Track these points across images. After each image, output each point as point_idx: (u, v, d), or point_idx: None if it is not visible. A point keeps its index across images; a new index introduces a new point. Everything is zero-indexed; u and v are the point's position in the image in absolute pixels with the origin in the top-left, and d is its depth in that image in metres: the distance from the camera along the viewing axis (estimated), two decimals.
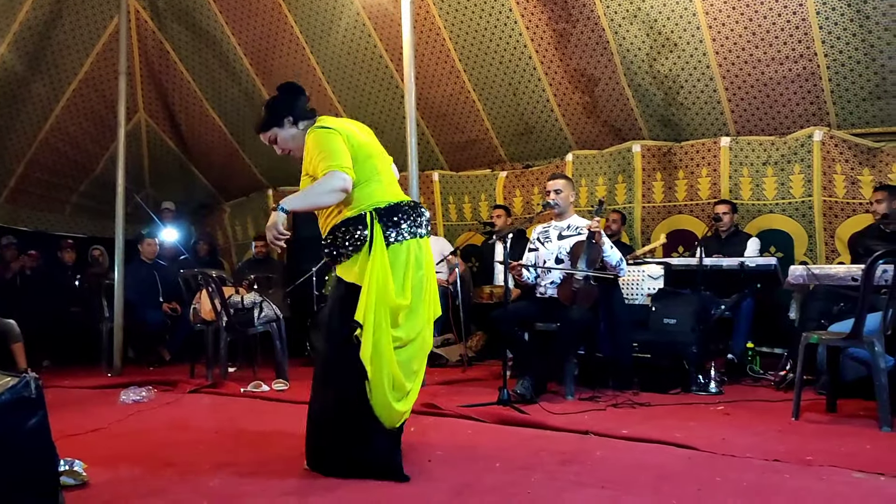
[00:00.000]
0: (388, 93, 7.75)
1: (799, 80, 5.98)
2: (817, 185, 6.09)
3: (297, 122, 3.05)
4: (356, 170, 2.86)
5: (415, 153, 5.32)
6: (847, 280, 4.87)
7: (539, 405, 4.17)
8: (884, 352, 3.63)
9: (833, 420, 3.86)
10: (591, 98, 6.96)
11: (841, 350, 3.98)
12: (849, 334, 3.72)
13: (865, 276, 3.68)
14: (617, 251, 4.80)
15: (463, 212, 8.10)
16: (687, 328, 4.99)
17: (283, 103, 3.09)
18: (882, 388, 3.58)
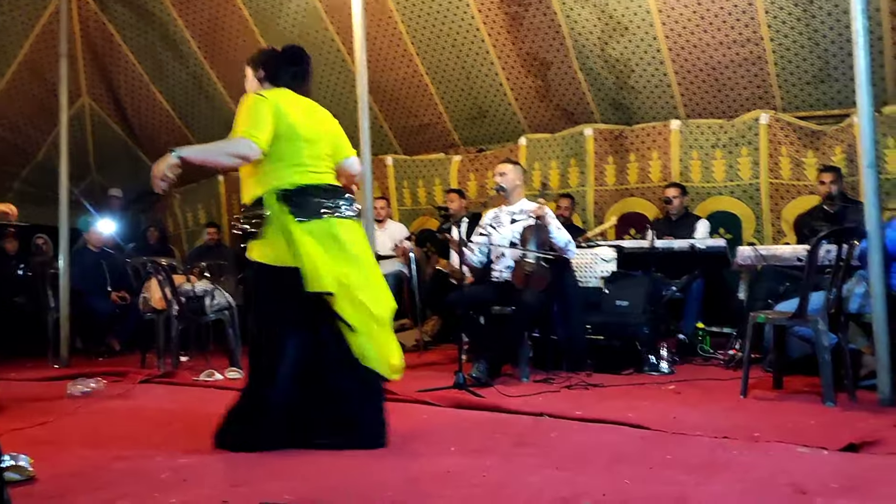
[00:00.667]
0: (339, 76, 7.66)
1: (746, 64, 6.08)
2: (764, 167, 6.22)
3: (264, 81, 3.09)
4: (277, 147, 2.90)
5: (367, 137, 5.27)
6: (793, 260, 5.00)
7: (494, 388, 4.19)
8: (827, 330, 3.73)
9: (779, 396, 3.97)
10: (543, 82, 6.98)
11: (787, 329, 4.09)
12: (794, 314, 3.82)
13: (810, 257, 3.78)
14: (565, 233, 4.83)
15: (417, 196, 8.08)
16: (639, 310, 5.07)
17: (273, 59, 3.14)
18: (825, 365, 3.69)
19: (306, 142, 2.98)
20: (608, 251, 5.54)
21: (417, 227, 7.66)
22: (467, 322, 4.64)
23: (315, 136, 3.02)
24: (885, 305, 3.65)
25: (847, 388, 3.79)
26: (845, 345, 3.87)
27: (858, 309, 3.94)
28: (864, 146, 3.75)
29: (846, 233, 3.88)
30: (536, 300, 4.57)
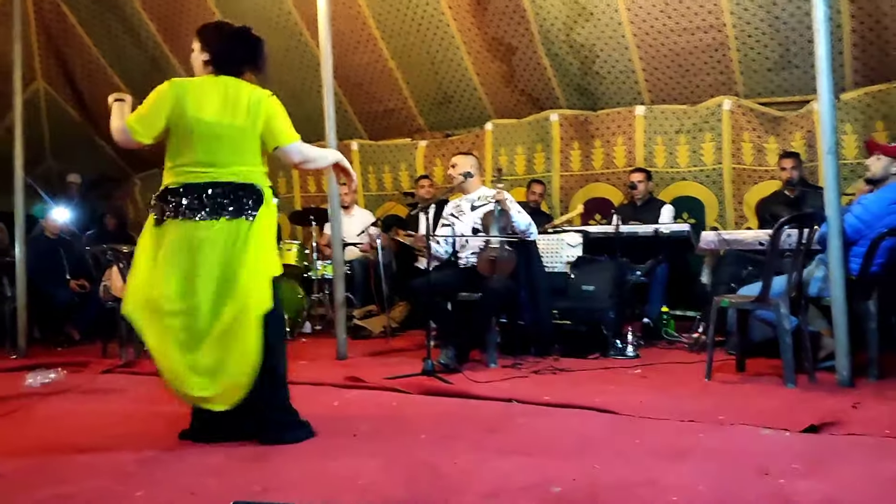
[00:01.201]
0: (302, 60, 7.57)
1: (709, 51, 6.14)
2: (727, 152, 6.31)
3: (207, 64, 2.99)
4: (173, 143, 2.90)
5: (333, 122, 5.22)
6: (755, 244, 5.08)
7: (463, 374, 4.21)
8: (788, 313, 3.81)
9: (743, 379, 4.05)
10: (508, 67, 6.98)
11: (749, 312, 4.16)
12: (756, 297, 3.89)
13: (772, 241, 3.85)
14: (525, 216, 4.83)
15: (383, 182, 8.04)
16: (605, 294, 5.12)
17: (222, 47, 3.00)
18: (787, 347, 3.77)
19: (201, 139, 2.85)
20: (574, 236, 5.58)
21: (384, 213, 7.62)
22: (433, 308, 4.63)
23: (218, 133, 2.87)
24: (844, 289, 3.73)
25: (807, 370, 3.87)
26: (805, 327, 3.95)
27: (818, 292, 4.03)
28: (824, 133, 3.81)
29: (807, 217, 3.95)
30: (503, 286, 4.59)
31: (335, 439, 2.93)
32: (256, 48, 3.03)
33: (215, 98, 2.91)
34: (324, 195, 8.27)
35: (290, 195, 8.49)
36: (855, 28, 5.67)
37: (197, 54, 3.03)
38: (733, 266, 5.20)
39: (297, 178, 8.44)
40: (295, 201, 8.46)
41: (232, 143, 2.90)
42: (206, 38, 3.02)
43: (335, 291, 5.28)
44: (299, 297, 6.60)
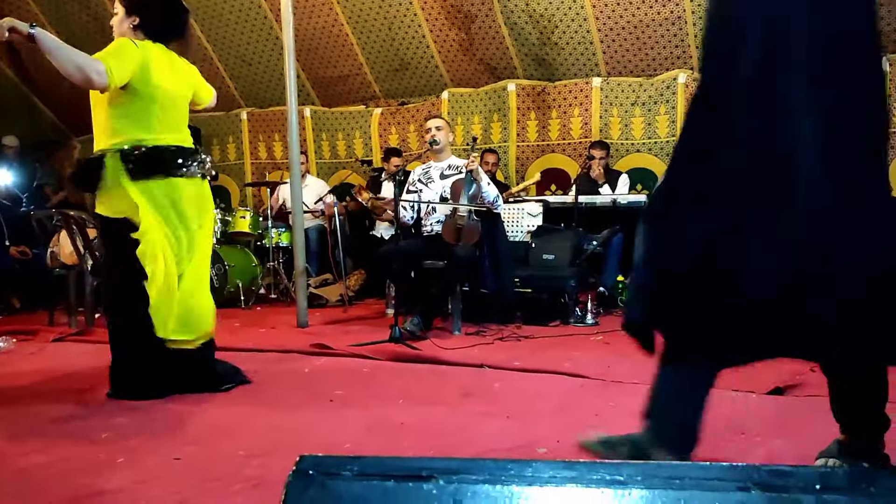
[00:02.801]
0: (255, 23, 7.39)
1: (666, 24, 6.22)
2: (680, 125, 6.41)
3: (137, 30, 3.00)
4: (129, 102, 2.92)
5: (294, 88, 5.10)
6: None
7: (429, 341, 4.22)
8: None
9: None
10: (467, 35, 6.94)
11: None
12: None
13: None
14: (494, 188, 4.87)
15: (337, 149, 7.94)
16: (565, 263, 5.20)
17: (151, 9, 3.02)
18: None
19: (161, 106, 2.99)
20: (534, 206, 5.63)
21: (337, 182, 7.54)
22: (400, 276, 4.63)
23: (173, 102, 3.04)
24: None
25: None
26: None
27: None
28: None
29: None
30: (468, 254, 4.60)
31: (313, 405, 2.92)
32: (187, 18, 3.18)
33: (166, 66, 3.03)
34: (275, 162, 8.14)
35: (241, 162, 8.32)
36: None
37: (122, 18, 3.03)
38: None
39: (247, 144, 8.26)
40: (245, 167, 8.29)
41: (182, 110, 3.13)
42: (133, 4, 3.04)
43: (295, 259, 5.21)
44: (253, 265, 6.51)
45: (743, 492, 0.84)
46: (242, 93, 8.19)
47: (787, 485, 0.82)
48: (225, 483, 2.01)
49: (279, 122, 7.91)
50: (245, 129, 8.23)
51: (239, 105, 8.29)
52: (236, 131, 8.28)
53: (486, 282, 4.90)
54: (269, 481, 2.01)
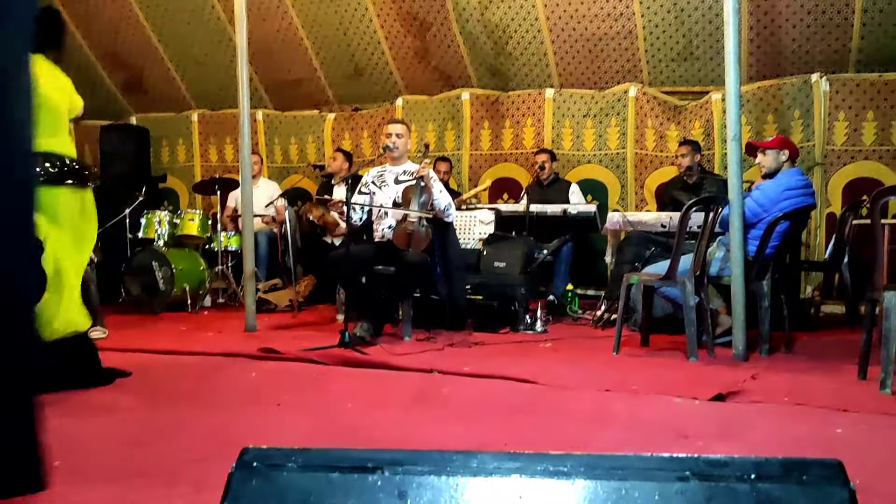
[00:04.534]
0: (208, 24, 7.31)
1: (618, 38, 6.35)
2: (630, 138, 6.55)
3: None
4: None
5: (246, 91, 5.05)
6: (657, 226, 5.32)
7: (380, 347, 4.21)
8: (693, 291, 4.01)
9: (648, 353, 4.24)
10: (422, 43, 6.97)
11: (654, 289, 4.36)
12: (664, 275, 4.08)
13: (681, 223, 4.03)
14: (447, 195, 4.88)
15: (289, 154, 7.88)
16: (516, 271, 5.25)
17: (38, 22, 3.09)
18: (691, 322, 3.97)
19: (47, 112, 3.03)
20: (486, 214, 5.67)
21: (289, 186, 7.48)
22: (351, 281, 4.60)
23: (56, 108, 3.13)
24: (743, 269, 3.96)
25: (706, 345, 4.10)
26: (707, 304, 4.18)
27: (718, 272, 4.26)
28: (730, 121, 3.99)
29: (710, 201, 4.17)
30: (419, 259, 4.60)
31: (259, 409, 2.89)
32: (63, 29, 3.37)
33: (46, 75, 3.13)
34: (225, 165, 8.04)
35: (191, 164, 8.19)
36: (752, 25, 6.00)
37: None
38: (636, 246, 5.42)
39: (198, 147, 8.14)
40: (195, 170, 8.16)
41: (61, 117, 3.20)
42: None
43: (245, 262, 5.14)
44: (201, 268, 6.41)
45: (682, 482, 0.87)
46: (194, 94, 8.07)
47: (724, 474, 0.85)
48: (167, 485, 1.98)
49: (231, 124, 7.81)
50: (196, 130, 8.12)
51: (190, 106, 8.17)
52: (186, 133, 8.16)
53: (437, 288, 4.90)
54: (212, 485, 1.98)
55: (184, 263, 6.20)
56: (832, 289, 5.87)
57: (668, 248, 4.76)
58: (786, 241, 4.29)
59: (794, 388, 3.21)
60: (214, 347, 4.24)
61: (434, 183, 4.78)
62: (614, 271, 5.61)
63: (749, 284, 4.04)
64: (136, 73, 7.94)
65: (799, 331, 4.64)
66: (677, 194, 5.78)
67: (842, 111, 5.94)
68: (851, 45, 5.92)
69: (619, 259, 5.55)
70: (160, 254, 6.12)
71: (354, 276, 4.64)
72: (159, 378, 3.54)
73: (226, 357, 3.99)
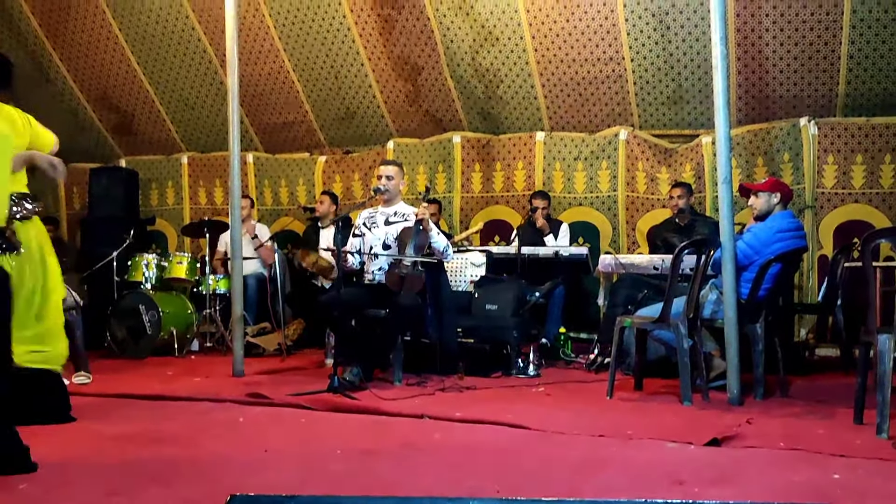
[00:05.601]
0: (199, 67, 7.38)
1: (608, 82, 6.45)
2: (622, 180, 6.62)
3: None
4: None
5: (237, 132, 5.08)
6: (649, 269, 5.34)
7: (370, 391, 4.18)
8: (686, 334, 4.01)
9: (642, 397, 4.23)
10: (413, 87, 7.06)
11: (648, 332, 4.36)
12: (657, 318, 4.08)
13: (673, 265, 4.06)
14: (444, 238, 4.92)
15: (279, 196, 7.90)
16: (507, 314, 5.25)
17: None
18: (685, 366, 3.97)
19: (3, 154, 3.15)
20: (478, 256, 5.69)
21: (279, 229, 7.48)
22: (341, 325, 4.59)
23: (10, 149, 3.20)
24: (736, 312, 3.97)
25: (700, 389, 4.09)
26: (700, 348, 4.18)
27: (711, 315, 4.27)
28: (720, 163, 4.04)
29: (702, 243, 4.20)
30: (411, 303, 4.60)
31: (247, 455, 2.85)
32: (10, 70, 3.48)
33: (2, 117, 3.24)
34: (215, 208, 8.04)
35: (180, 206, 8.19)
36: (740, 69, 6.11)
37: None
38: (629, 289, 5.44)
39: (187, 188, 8.16)
40: (184, 212, 8.17)
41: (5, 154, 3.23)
42: None
43: (233, 305, 5.12)
44: (188, 312, 6.38)
45: None
46: (184, 136, 8.12)
47: None
48: None
49: (221, 167, 7.85)
50: (185, 173, 8.14)
51: (179, 149, 8.21)
52: (176, 176, 8.18)
53: (428, 331, 4.90)
54: None
55: (171, 307, 6.17)
56: (826, 331, 5.89)
57: (660, 291, 4.78)
58: (778, 283, 4.32)
59: (790, 433, 3.20)
60: (201, 392, 4.21)
61: (431, 225, 4.82)
62: (607, 314, 5.62)
63: (742, 327, 4.05)
64: (126, 116, 7.99)
65: (794, 374, 4.64)
66: (669, 236, 5.82)
67: (830, 154, 6.04)
68: (838, 89, 6.04)
69: (611, 302, 5.56)
70: (147, 297, 6.09)
71: (345, 320, 4.63)
72: (144, 423, 3.49)
73: (213, 402, 3.96)
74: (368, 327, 4.80)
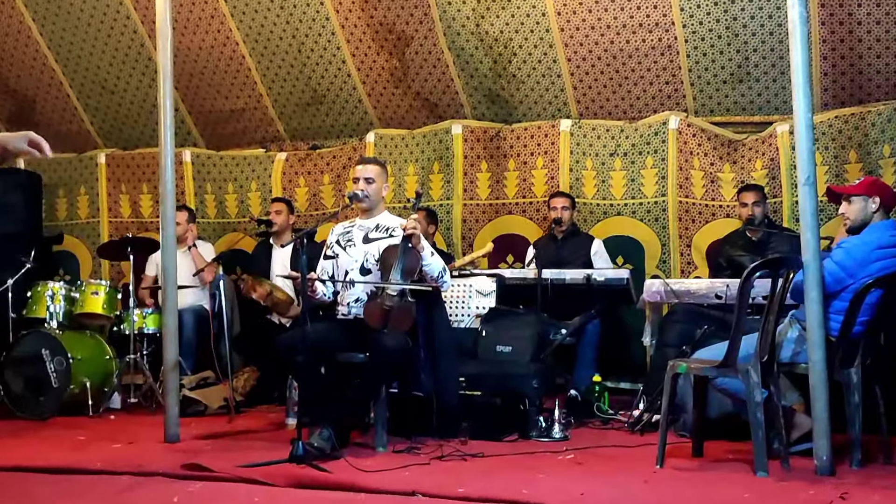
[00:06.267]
0: (122, 40, 7.45)
1: (653, 54, 6.48)
2: (672, 182, 6.63)
3: None
4: None
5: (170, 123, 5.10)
6: (710, 297, 5.35)
7: (345, 461, 4.18)
8: (760, 382, 4.00)
9: (702, 466, 4.22)
10: (400, 62, 7.09)
11: (709, 381, 4.35)
12: (721, 362, 4.08)
13: (741, 292, 4.05)
14: (439, 259, 4.93)
15: (225, 205, 7.93)
16: (525, 358, 5.27)
17: None
18: (757, 425, 3.95)
19: None
20: (486, 282, 5.69)
21: (227, 248, 7.49)
22: (307, 373, 4.58)
23: None
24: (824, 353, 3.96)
25: (779, 454, 4.08)
26: (778, 401, 4.17)
27: (791, 357, 4.27)
28: (801, 159, 4.05)
29: (779, 263, 4.19)
30: (398, 344, 4.59)
31: None
32: None
33: None
34: (141, 221, 8.06)
35: (96, 219, 8.20)
36: (825, 37, 6.13)
37: None
38: (683, 324, 5.45)
39: (105, 196, 8.16)
40: (101, 228, 8.17)
41: None
42: None
43: (166, 350, 5.11)
44: (107, 358, 6.37)
45: None
46: (101, 129, 8.15)
47: None
48: None
49: (150, 168, 7.87)
50: (103, 176, 8.15)
51: (95, 145, 8.24)
52: (90, 179, 8.20)
53: (420, 381, 4.89)
54: None
55: (84, 352, 6.17)
56: None
57: (724, 326, 4.77)
58: (879, 315, 4.30)
59: None
60: (124, 464, 4.19)
61: (423, 243, 4.81)
62: (655, 357, 5.61)
63: (833, 373, 4.05)
64: (25, 102, 8.02)
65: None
66: (736, 255, 5.82)
67: None
68: None
69: (661, 341, 5.56)
70: (53, 339, 6.09)
71: (311, 367, 4.63)
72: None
73: (138, 476, 3.94)
74: (342, 377, 4.80)
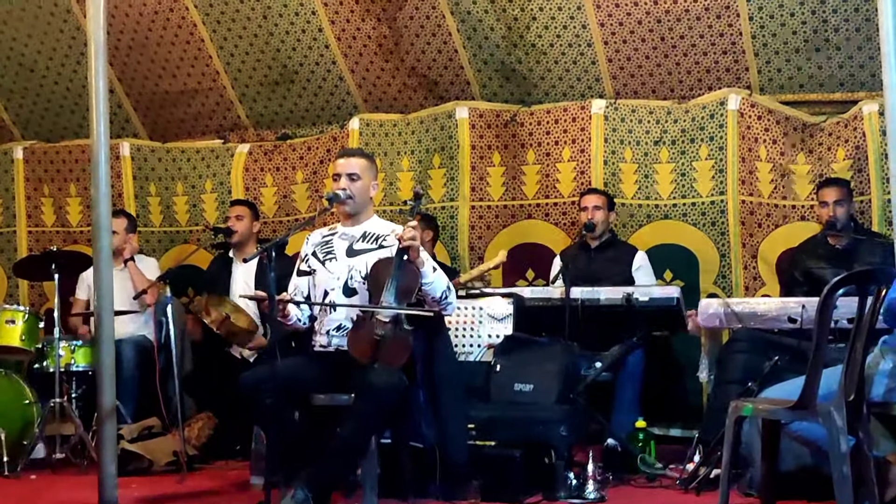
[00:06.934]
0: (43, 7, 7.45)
1: (707, 19, 6.47)
2: (732, 176, 6.61)
3: None
4: None
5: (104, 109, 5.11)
6: (782, 321, 5.32)
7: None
8: (845, 428, 3.98)
9: None
10: (391, 30, 7.10)
11: (782, 426, 4.33)
12: (797, 402, 4.05)
13: (820, 316, 4.03)
14: (443, 275, 4.92)
15: (173, 210, 7.93)
16: (550, 398, 5.23)
17: None
18: (844, 481, 3.92)
19: None
20: (500, 304, 5.68)
21: (174, 263, 7.49)
22: (277, 419, 4.58)
23: None
24: None
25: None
26: (868, 450, 4.14)
27: (884, 396, 4.25)
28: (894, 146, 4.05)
29: (871, 277, 4.17)
30: (390, 383, 4.58)
31: None
32: None
33: None
34: (68, 231, 8.07)
35: (11, 228, 8.21)
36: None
37: None
38: (748, 354, 5.42)
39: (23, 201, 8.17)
40: (18, 239, 8.18)
41: None
42: None
43: (101, 392, 5.10)
44: (25, 402, 6.38)
45: None
46: (18, 117, 8.18)
47: None
48: None
49: (79, 165, 7.88)
50: (20, 174, 8.17)
51: (10, 137, 8.26)
52: (5, 179, 8.21)
53: (419, 429, 4.89)
54: None
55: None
56: None
57: (800, 357, 4.75)
58: None
59: None
60: None
61: (423, 255, 4.80)
62: (713, 397, 5.59)
63: None
64: None
65: None
66: (815, 267, 5.80)
67: None
68: None
69: (720, 376, 5.54)
70: None
71: (282, 412, 4.63)
72: None
73: None
74: (321, 424, 4.79)
